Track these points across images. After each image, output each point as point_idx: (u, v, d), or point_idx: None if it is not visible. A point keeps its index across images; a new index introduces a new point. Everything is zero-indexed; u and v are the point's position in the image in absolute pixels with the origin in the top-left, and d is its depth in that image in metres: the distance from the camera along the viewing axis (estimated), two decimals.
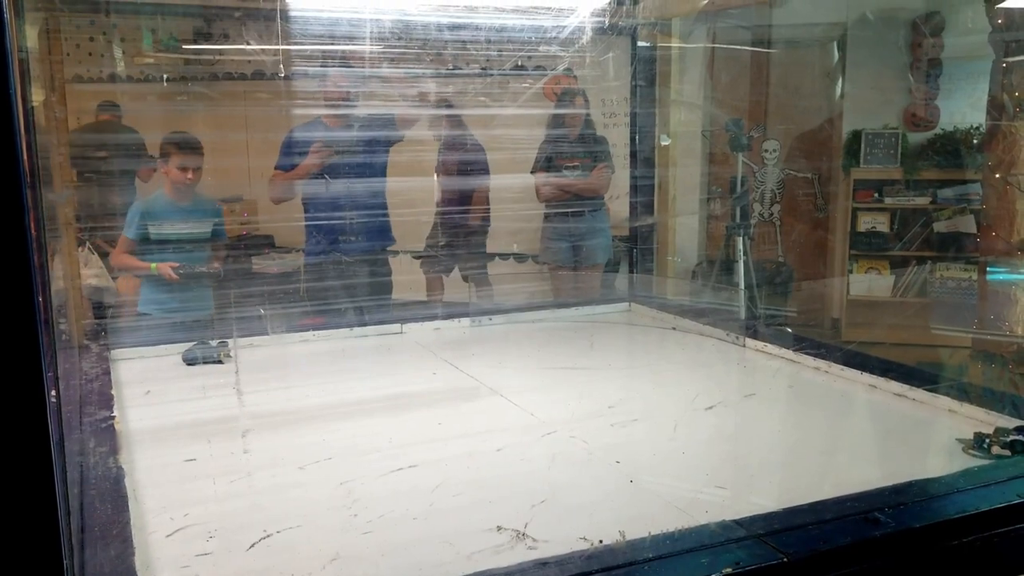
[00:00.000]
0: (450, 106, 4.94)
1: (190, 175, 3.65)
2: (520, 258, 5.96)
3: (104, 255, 4.36)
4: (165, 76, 6.00)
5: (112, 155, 4.72)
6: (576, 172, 4.74)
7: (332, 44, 3.76)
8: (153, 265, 3.65)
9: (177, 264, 3.65)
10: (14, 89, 1.02)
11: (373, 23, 3.58)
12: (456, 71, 5.13)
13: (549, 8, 3.50)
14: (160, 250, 3.67)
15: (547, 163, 4.84)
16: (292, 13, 3.54)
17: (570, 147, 4.76)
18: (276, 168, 3.99)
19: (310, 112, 3.95)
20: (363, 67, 3.87)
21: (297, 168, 3.89)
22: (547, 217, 4.96)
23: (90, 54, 5.80)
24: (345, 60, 3.86)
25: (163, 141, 3.76)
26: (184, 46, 5.91)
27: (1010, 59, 4.59)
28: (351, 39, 3.71)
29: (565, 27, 3.65)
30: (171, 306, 3.67)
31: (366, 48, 3.72)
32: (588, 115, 4.90)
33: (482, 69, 5.12)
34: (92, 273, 4.17)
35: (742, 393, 2.61)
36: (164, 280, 3.66)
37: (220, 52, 6.05)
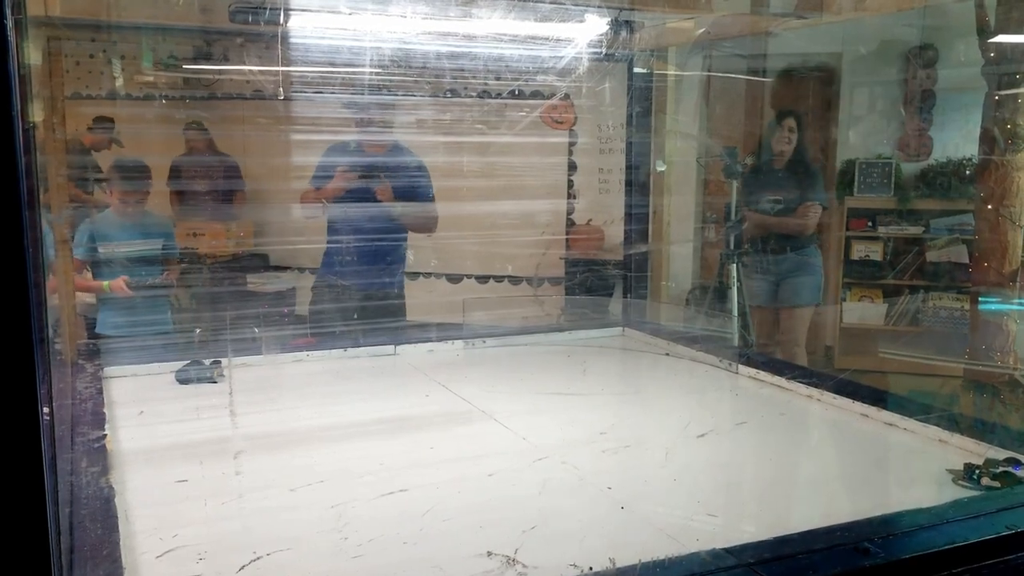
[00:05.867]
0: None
1: (130, 208, 3.68)
2: (515, 280, 5.98)
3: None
4: (162, 95, 6.03)
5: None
6: (778, 207, 4.41)
7: (332, 68, 3.79)
8: (106, 284, 3.64)
9: (128, 279, 3.65)
10: (16, 111, 1.04)
11: (373, 50, 3.61)
12: (452, 97, 5.17)
13: (547, 38, 3.53)
14: (110, 270, 3.67)
15: (747, 193, 4.54)
16: (292, 38, 3.58)
17: (776, 178, 4.43)
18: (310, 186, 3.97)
19: (309, 136, 3.96)
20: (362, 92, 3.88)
21: (323, 189, 3.87)
22: (748, 252, 4.67)
23: (89, 72, 5.83)
24: (344, 85, 3.87)
25: (111, 165, 3.82)
26: (184, 65, 5.94)
27: (1002, 92, 4.64)
28: (351, 65, 3.74)
29: (563, 57, 3.69)
30: (128, 328, 3.65)
31: (365, 72, 3.74)
32: (802, 141, 4.50)
33: (478, 95, 5.15)
34: None
35: (734, 420, 2.62)
36: (119, 301, 3.65)
37: (219, 72, 6.08)
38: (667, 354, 3.40)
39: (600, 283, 5.52)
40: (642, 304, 4.29)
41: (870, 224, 6.16)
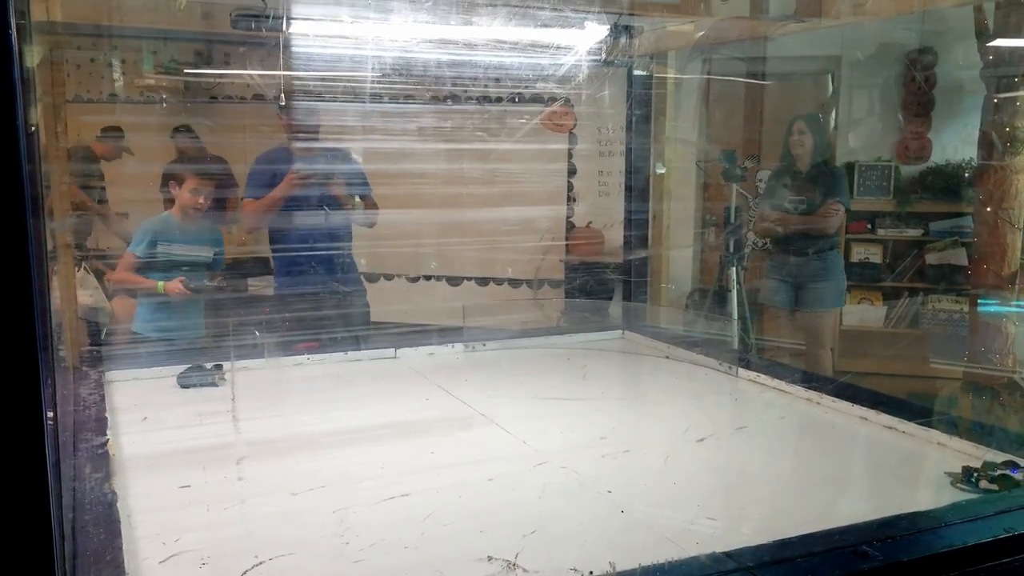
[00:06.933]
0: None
1: (200, 200, 3.70)
2: (515, 284, 5.99)
3: (101, 274, 4.36)
4: (163, 99, 6.05)
5: None
6: (801, 208, 4.40)
7: (333, 75, 3.80)
8: (161, 284, 3.66)
9: (185, 279, 3.66)
10: (20, 116, 1.05)
11: (374, 59, 3.62)
12: (453, 104, 5.18)
13: (548, 45, 3.54)
14: (164, 271, 3.69)
15: (771, 195, 4.57)
16: (294, 45, 3.59)
17: (799, 180, 4.43)
18: (245, 197, 3.94)
19: (311, 144, 3.96)
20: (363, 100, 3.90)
21: (269, 196, 3.83)
22: (769, 254, 4.72)
23: (90, 75, 5.85)
24: (346, 92, 3.88)
25: (172, 164, 3.83)
26: (185, 70, 5.96)
27: (1001, 95, 4.65)
28: (353, 72, 3.75)
29: (563, 63, 3.70)
30: (167, 326, 3.68)
31: (366, 78, 3.75)
32: (822, 142, 4.53)
33: (479, 102, 5.17)
34: (88, 294, 4.17)
35: (734, 424, 2.63)
36: (160, 300, 3.67)
37: (220, 77, 6.09)
38: (667, 357, 3.40)
39: (600, 286, 5.53)
40: (642, 307, 4.30)
41: (869, 227, 6.17)
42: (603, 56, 3.77)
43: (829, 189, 4.41)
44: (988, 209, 4.78)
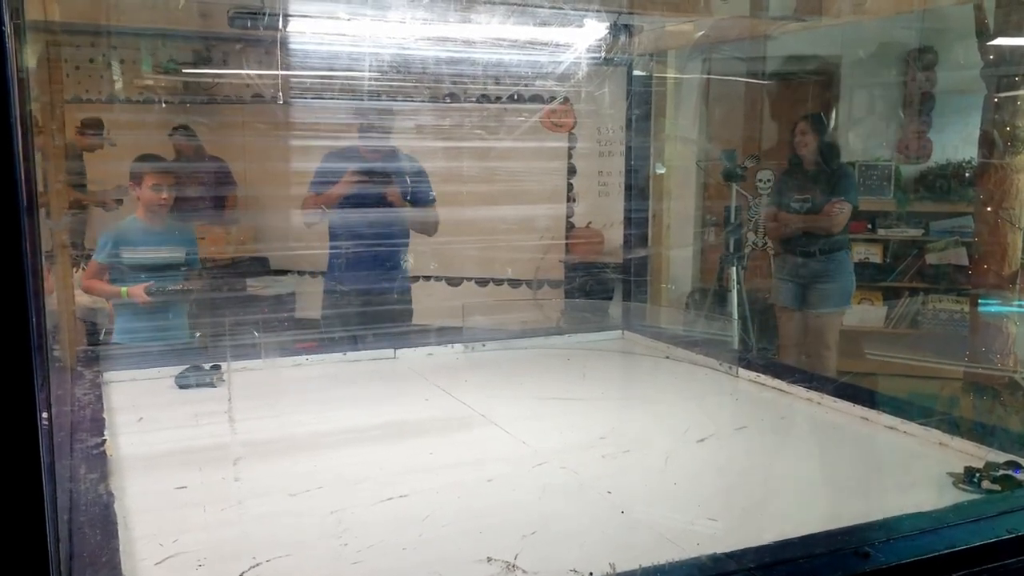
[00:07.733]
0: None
1: (163, 196, 3.61)
2: (514, 284, 5.98)
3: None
4: (162, 99, 6.04)
5: None
6: (806, 207, 4.43)
7: (331, 73, 3.80)
8: (124, 289, 3.55)
9: (148, 284, 3.55)
10: (15, 116, 1.04)
11: (372, 56, 3.62)
12: (452, 102, 5.18)
13: (547, 43, 3.54)
14: (133, 276, 3.59)
15: (778, 195, 4.60)
16: (291, 43, 3.58)
17: (805, 179, 4.46)
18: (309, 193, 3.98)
19: (309, 142, 3.96)
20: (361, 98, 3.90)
21: (326, 193, 3.85)
22: (777, 254, 4.76)
23: (89, 76, 5.84)
24: (344, 91, 3.89)
25: (134, 163, 3.72)
26: (184, 70, 5.95)
27: (1001, 94, 4.64)
28: (351, 70, 3.74)
29: (562, 61, 3.69)
30: (147, 334, 3.59)
31: (364, 76, 3.75)
32: (827, 142, 4.55)
33: (478, 100, 5.16)
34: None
35: (734, 424, 2.62)
36: (138, 307, 3.57)
37: (219, 76, 6.09)
38: (667, 357, 3.39)
39: (600, 286, 5.51)
40: (642, 307, 4.29)
41: (870, 226, 6.16)
42: (602, 54, 3.77)
43: (835, 188, 4.42)
44: (989, 209, 4.77)
